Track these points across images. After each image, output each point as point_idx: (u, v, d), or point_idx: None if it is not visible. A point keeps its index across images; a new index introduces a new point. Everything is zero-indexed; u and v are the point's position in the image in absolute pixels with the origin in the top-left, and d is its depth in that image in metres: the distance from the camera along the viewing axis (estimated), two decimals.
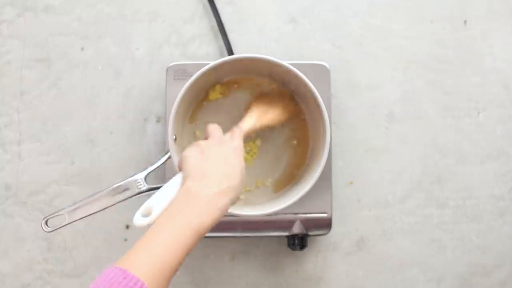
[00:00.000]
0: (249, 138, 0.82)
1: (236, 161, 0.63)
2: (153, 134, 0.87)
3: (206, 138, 0.67)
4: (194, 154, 0.62)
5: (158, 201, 0.58)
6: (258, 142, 0.82)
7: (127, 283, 0.48)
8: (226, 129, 0.82)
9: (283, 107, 0.80)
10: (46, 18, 0.88)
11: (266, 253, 0.87)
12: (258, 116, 0.76)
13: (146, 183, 0.70)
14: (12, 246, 0.86)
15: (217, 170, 0.60)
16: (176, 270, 0.53)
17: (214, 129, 0.67)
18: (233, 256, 0.87)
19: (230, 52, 0.86)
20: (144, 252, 0.52)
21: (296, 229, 0.80)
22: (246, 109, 0.79)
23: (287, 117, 0.80)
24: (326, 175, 0.79)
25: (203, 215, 0.56)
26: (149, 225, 0.56)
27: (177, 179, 0.61)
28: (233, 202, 0.60)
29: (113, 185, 0.67)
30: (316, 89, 0.73)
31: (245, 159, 0.81)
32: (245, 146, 0.81)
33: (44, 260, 0.86)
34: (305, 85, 0.73)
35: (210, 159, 0.61)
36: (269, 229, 0.81)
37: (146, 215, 0.57)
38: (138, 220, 0.57)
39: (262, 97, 0.80)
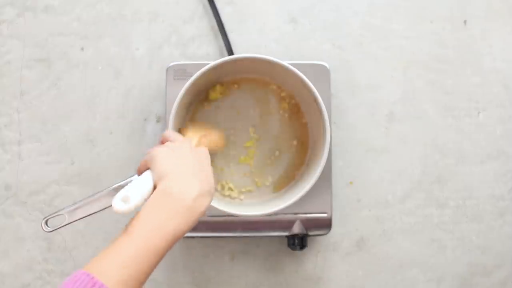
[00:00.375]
0: (249, 138, 0.82)
1: (208, 165, 0.60)
2: (153, 134, 0.87)
3: (162, 143, 0.64)
4: (166, 154, 0.59)
5: (134, 192, 0.55)
6: (258, 142, 0.82)
7: None
8: (226, 129, 0.82)
9: (217, 136, 0.78)
10: (46, 18, 0.88)
11: (266, 253, 0.87)
12: (198, 139, 0.73)
13: None
14: (12, 246, 0.86)
15: (195, 172, 0.57)
16: (148, 275, 0.50)
17: (174, 134, 0.65)
18: (233, 256, 0.87)
19: (230, 52, 0.86)
20: (116, 257, 0.49)
21: (296, 229, 0.80)
22: (187, 129, 0.77)
23: (220, 147, 0.79)
24: (326, 175, 0.79)
25: (182, 219, 0.53)
26: (127, 212, 0.53)
27: (147, 176, 0.58)
28: (208, 207, 0.57)
29: (113, 185, 0.67)
30: (316, 89, 0.73)
31: (245, 159, 0.81)
32: (244, 147, 0.82)
33: (44, 260, 0.86)
34: (305, 85, 0.73)
35: (186, 161, 0.59)
36: (269, 229, 0.81)
37: (125, 202, 0.55)
38: (118, 204, 0.54)
39: (196, 124, 0.79)
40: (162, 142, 0.64)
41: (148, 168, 0.59)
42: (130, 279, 0.48)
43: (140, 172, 0.61)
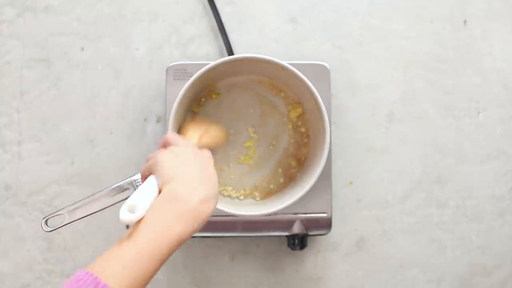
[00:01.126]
0: (249, 137, 0.82)
1: (213, 169, 0.60)
2: (153, 134, 0.87)
3: (163, 146, 0.64)
4: (170, 158, 0.59)
5: (140, 201, 0.55)
6: (258, 142, 0.82)
7: None
8: (226, 128, 0.82)
9: (218, 131, 0.79)
10: (46, 18, 0.88)
11: (266, 253, 0.87)
12: (199, 137, 0.74)
13: None
14: (12, 246, 0.86)
15: (200, 176, 0.57)
16: (151, 277, 0.50)
17: (175, 137, 0.64)
18: (233, 256, 0.87)
19: (230, 52, 0.86)
20: (120, 259, 0.49)
21: (296, 229, 0.80)
22: (188, 125, 0.77)
23: (222, 142, 0.79)
24: (326, 175, 0.79)
25: (187, 222, 0.53)
26: (134, 222, 0.53)
27: (151, 181, 0.58)
28: (213, 211, 0.56)
29: (113, 185, 0.67)
30: (316, 89, 0.73)
31: (245, 159, 0.81)
32: (244, 147, 0.82)
33: (44, 260, 0.86)
34: (305, 85, 0.73)
35: (189, 165, 0.59)
36: (269, 229, 0.81)
37: (131, 211, 0.55)
38: (125, 215, 0.53)
39: (196, 119, 0.79)
40: (163, 145, 0.64)
41: (151, 173, 0.59)
42: (133, 280, 0.48)
43: (144, 177, 0.61)
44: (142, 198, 0.55)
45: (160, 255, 0.50)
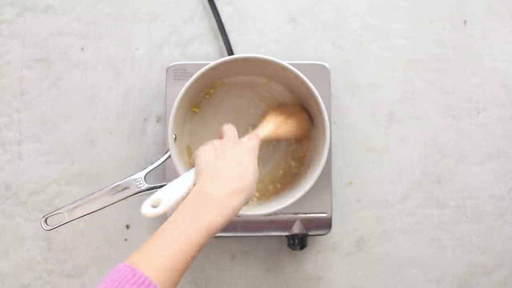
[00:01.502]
0: None
1: (250, 161, 0.62)
2: (153, 134, 0.87)
3: (220, 138, 0.67)
4: (207, 152, 0.62)
5: (167, 194, 0.58)
6: None
7: (136, 281, 0.48)
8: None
9: (299, 122, 0.79)
10: (46, 18, 0.88)
11: (266, 253, 0.87)
12: (274, 127, 0.75)
13: (146, 182, 0.70)
14: (12, 246, 0.86)
15: (230, 169, 0.60)
16: (185, 270, 0.53)
17: (229, 129, 0.67)
18: (233, 256, 0.86)
19: (230, 52, 0.86)
20: (155, 251, 0.52)
21: (296, 229, 0.80)
22: (264, 116, 0.78)
23: (302, 134, 0.80)
24: (326, 175, 0.79)
25: (215, 215, 0.55)
26: (155, 216, 0.56)
27: (189, 174, 0.62)
28: (246, 202, 0.59)
29: (112, 184, 0.67)
30: (316, 89, 0.73)
31: None
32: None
33: (44, 260, 0.86)
34: (305, 85, 0.73)
35: (224, 158, 0.61)
36: (269, 229, 0.81)
37: (155, 206, 0.57)
38: (147, 209, 0.57)
39: (280, 108, 0.79)
40: (220, 137, 0.67)
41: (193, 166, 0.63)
42: (169, 269, 0.51)
43: (190, 167, 0.65)
44: (168, 193, 0.59)
45: (192, 245, 0.53)
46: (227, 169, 0.60)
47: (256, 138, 0.68)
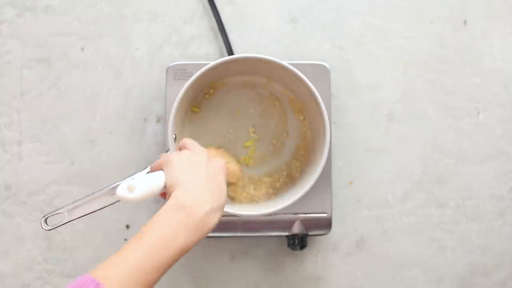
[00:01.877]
0: (249, 137, 0.82)
1: (223, 179, 0.60)
2: (153, 134, 0.87)
3: (180, 150, 0.64)
4: (181, 161, 0.59)
5: (141, 185, 0.56)
6: (257, 142, 0.82)
7: None
8: (227, 128, 0.82)
9: (236, 167, 0.79)
10: (46, 18, 0.88)
11: (266, 253, 0.87)
12: (216, 153, 0.75)
13: None
14: (12, 246, 0.86)
15: (209, 186, 0.57)
16: (153, 284, 0.51)
17: (192, 142, 0.64)
18: (233, 256, 0.86)
19: (230, 52, 0.86)
20: (122, 266, 0.50)
21: (296, 229, 0.80)
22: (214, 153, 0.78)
23: (234, 178, 0.79)
24: (326, 175, 0.79)
25: (191, 233, 0.53)
26: (127, 201, 0.55)
27: (159, 175, 0.59)
28: (218, 221, 0.57)
29: (112, 184, 0.67)
30: (316, 89, 0.73)
31: (245, 159, 0.81)
32: (243, 146, 0.82)
33: (44, 260, 0.86)
34: (305, 85, 0.73)
35: (200, 171, 0.59)
36: (269, 229, 0.81)
37: (130, 191, 0.56)
38: (123, 192, 0.55)
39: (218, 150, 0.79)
40: (180, 149, 0.64)
41: (161, 169, 0.60)
42: (134, 285, 0.49)
43: (152, 171, 0.62)
44: (144, 182, 0.56)
45: (162, 263, 0.51)
46: (206, 185, 0.57)
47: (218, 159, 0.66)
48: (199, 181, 0.57)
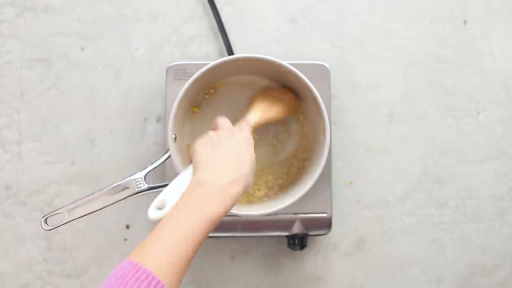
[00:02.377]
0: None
1: (246, 150, 0.63)
2: (153, 134, 0.87)
3: (214, 130, 0.67)
4: (204, 145, 0.63)
5: (171, 194, 0.59)
6: (257, 142, 0.82)
7: (139, 276, 0.48)
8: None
9: (286, 102, 0.79)
10: (46, 18, 0.88)
11: (266, 253, 0.87)
12: (263, 111, 0.76)
13: (146, 182, 0.70)
14: (12, 246, 0.86)
15: (228, 159, 0.61)
16: (190, 261, 0.53)
17: (223, 121, 0.68)
18: (233, 256, 0.86)
19: (230, 52, 0.86)
20: (156, 245, 0.52)
21: (296, 229, 0.80)
22: (251, 103, 0.79)
23: (291, 112, 0.80)
24: (326, 175, 0.79)
25: (216, 204, 0.56)
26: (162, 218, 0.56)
27: (188, 171, 0.62)
28: (245, 190, 0.60)
29: (112, 184, 0.67)
30: (316, 89, 0.73)
31: None
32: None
33: (44, 260, 0.86)
34: (305, 85, 0.73)
35: (221, 149, 0.62)
36: (269, 229, 0.81)
37: (160, 208, 0.57)
38: (153, 213, 0.57)
39: (265, 92, 0.80)
40: (213, 129, 0.67)
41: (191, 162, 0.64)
42: (171, 262, 0.51)
43: (189, 163, 0.66)
44: (172, 192, 0.59)
45: (194, 236, 0.53)
46: (225, 158, 0.61)
47: (247, 127, 0.70)
48: (218, 158, 0.61)
